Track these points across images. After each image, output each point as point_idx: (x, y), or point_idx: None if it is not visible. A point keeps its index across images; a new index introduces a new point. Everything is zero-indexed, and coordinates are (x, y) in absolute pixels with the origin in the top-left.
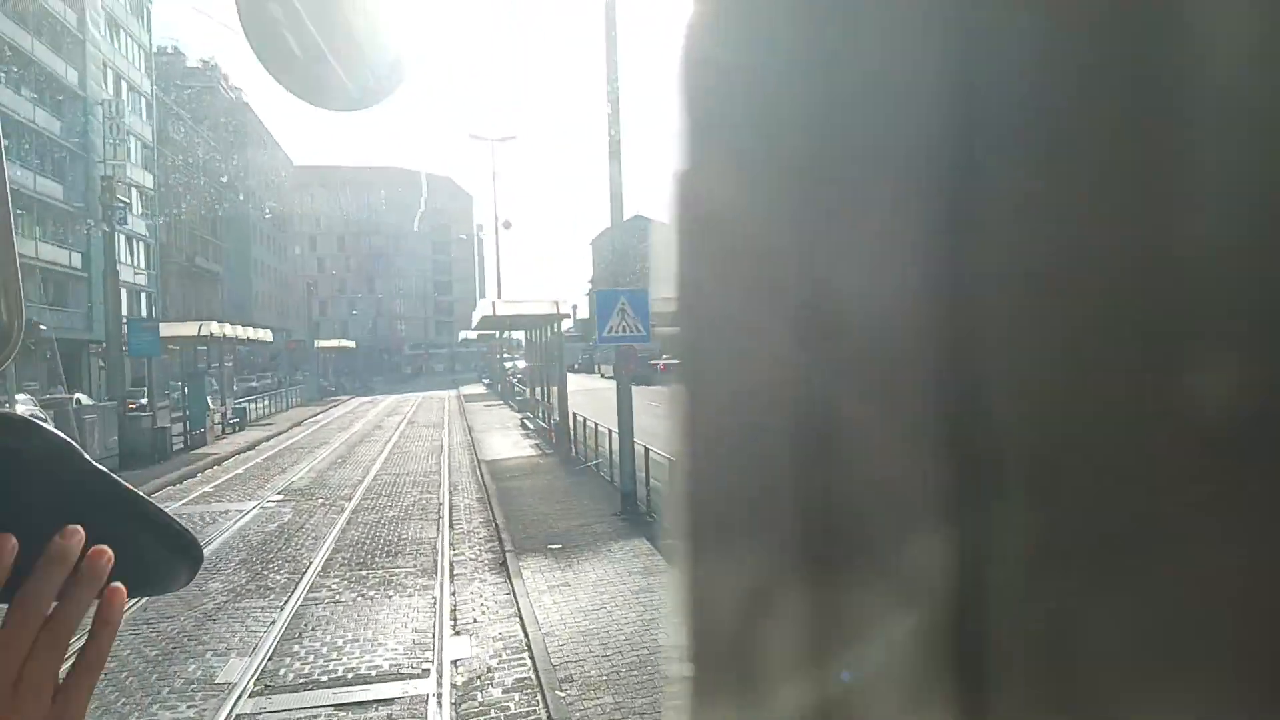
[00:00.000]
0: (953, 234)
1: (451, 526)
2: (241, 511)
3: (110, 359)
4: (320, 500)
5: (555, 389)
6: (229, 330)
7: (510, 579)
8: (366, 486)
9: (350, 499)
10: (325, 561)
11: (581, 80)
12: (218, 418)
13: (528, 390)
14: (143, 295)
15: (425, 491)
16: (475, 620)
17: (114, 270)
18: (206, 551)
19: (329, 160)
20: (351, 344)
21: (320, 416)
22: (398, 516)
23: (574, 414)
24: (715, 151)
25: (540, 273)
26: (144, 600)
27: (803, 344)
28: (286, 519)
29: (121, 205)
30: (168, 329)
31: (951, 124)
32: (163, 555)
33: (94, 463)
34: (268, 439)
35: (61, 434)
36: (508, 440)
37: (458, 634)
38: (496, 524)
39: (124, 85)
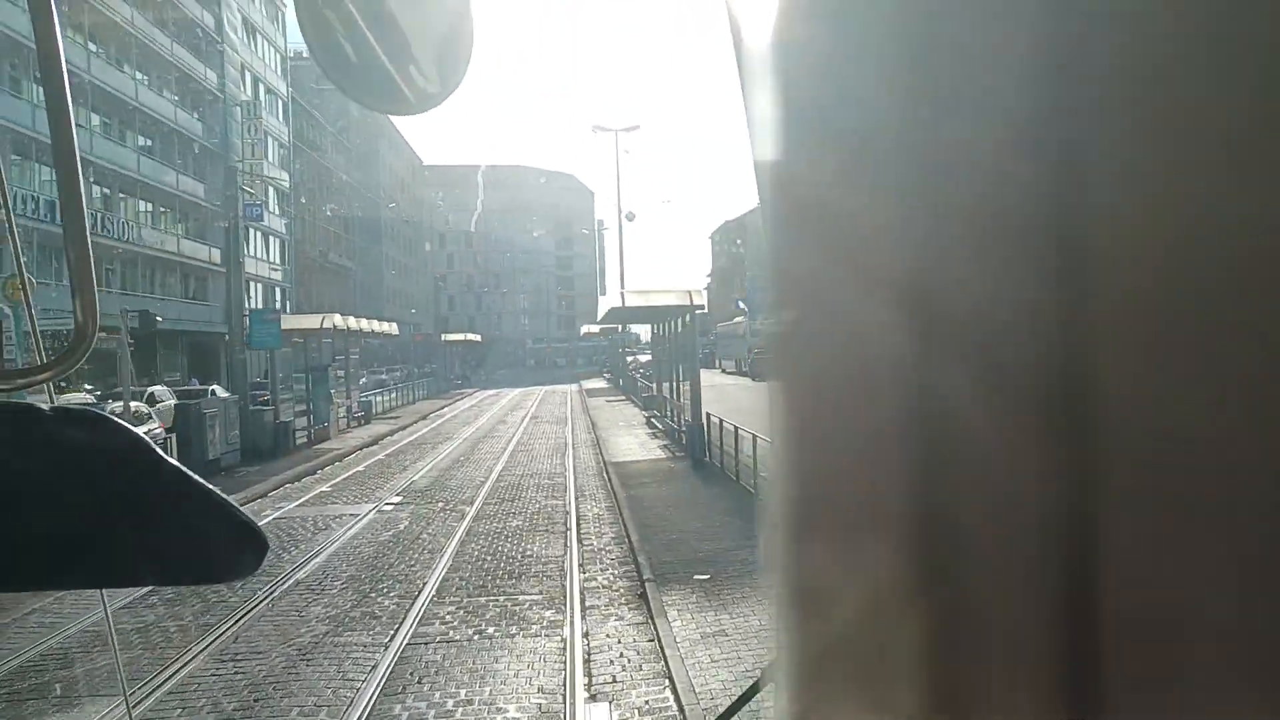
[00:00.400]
0: (1059, 224)
1: (580, 541)
2: (356, 516)
3: (233, 352)
4: (440, 504)
5: (687, 386)
6: (352, 322)
7: (653, 619)
8: (489, 489)
9: (471, 503)
10: (440, 583)
11: (703, 68)
12: (342, 411)
13: (653, 386)
14: (277, 290)
15: (550, 496)
16: (614, 679)
17: (238, 262)
18: (315, 563)
19: (457, 159)
20: (477, 337)
21: (445, 410)
22: (521, 527)
23: (706, 414)
24: (810, 140)
25: (661, 267)
26: (235, 630)
27: (907, 337)
28: (403, 526)
29: (256, 203)
30: (290, 321)
31: (1054, 110)
32: (229, 545)
33: (163, 455)
34: (391, 434)
35: (132, 428)
36: (634, 440)
37: (593, 698)
38: (630, 541)
39: (261, 87)
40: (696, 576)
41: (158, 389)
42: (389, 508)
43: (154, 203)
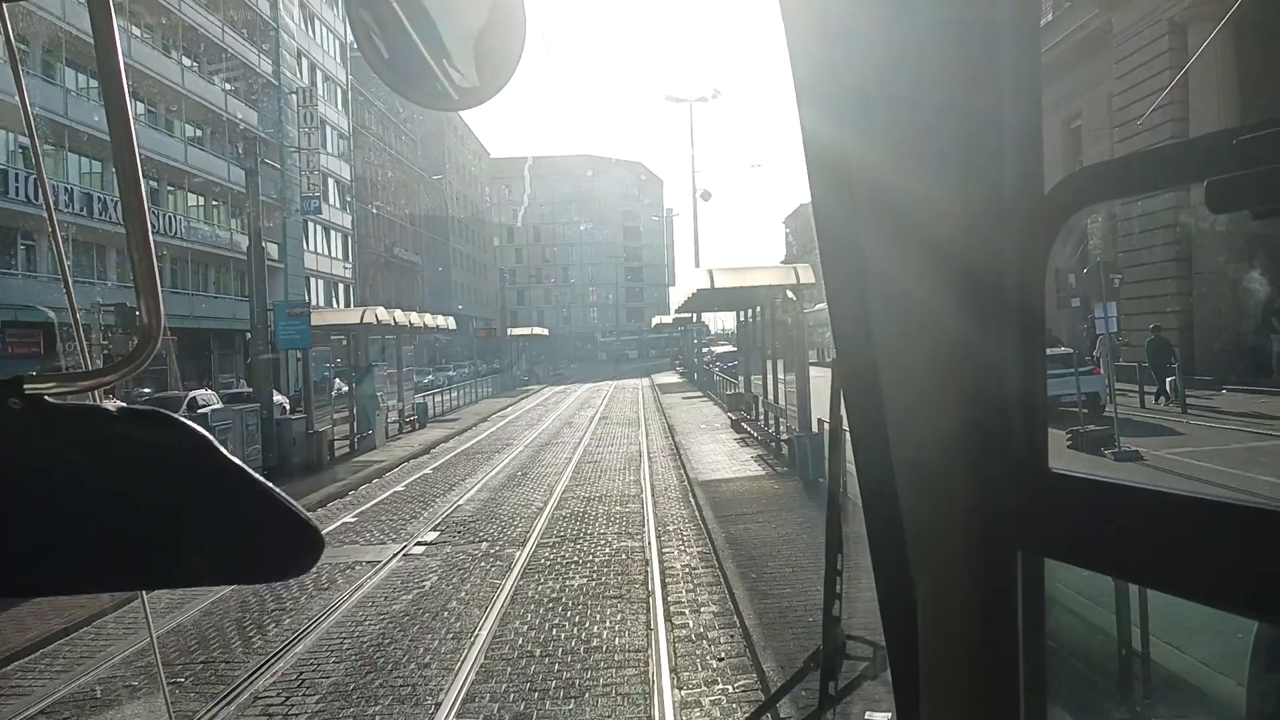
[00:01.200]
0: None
1: (669, 618)
2: (375, 564)
3: (255, 351)
4: (484, 545)
5: (794, 384)
6: (399, 316)
7: None
8: (546, 521)
9: (523, 544)
10: (459, 703)
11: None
12: (393, 416)
13: (738, 382)
14: (340, 286)
15: (624, 534)
16: None
17: (259, 248)
18: (300, 647)
19: (524, 150)
20: (544, 331)
21: (509, 410)
22: (585, 588)
23: (818, 420)
24: (876, 130)
25: (731, 253)
26: None
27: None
28: (429, 584)
29: (314, 194)
30: (324, 316)
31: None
32: (286, 543)
33: (228, 455)
34: (446, 440)
35: (199, 428)
36: (720, 449)
37: None
38: (743, 625)
39: (319, 75)
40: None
41: (202, 393)
42: (419, 550)
43: (205, 196)
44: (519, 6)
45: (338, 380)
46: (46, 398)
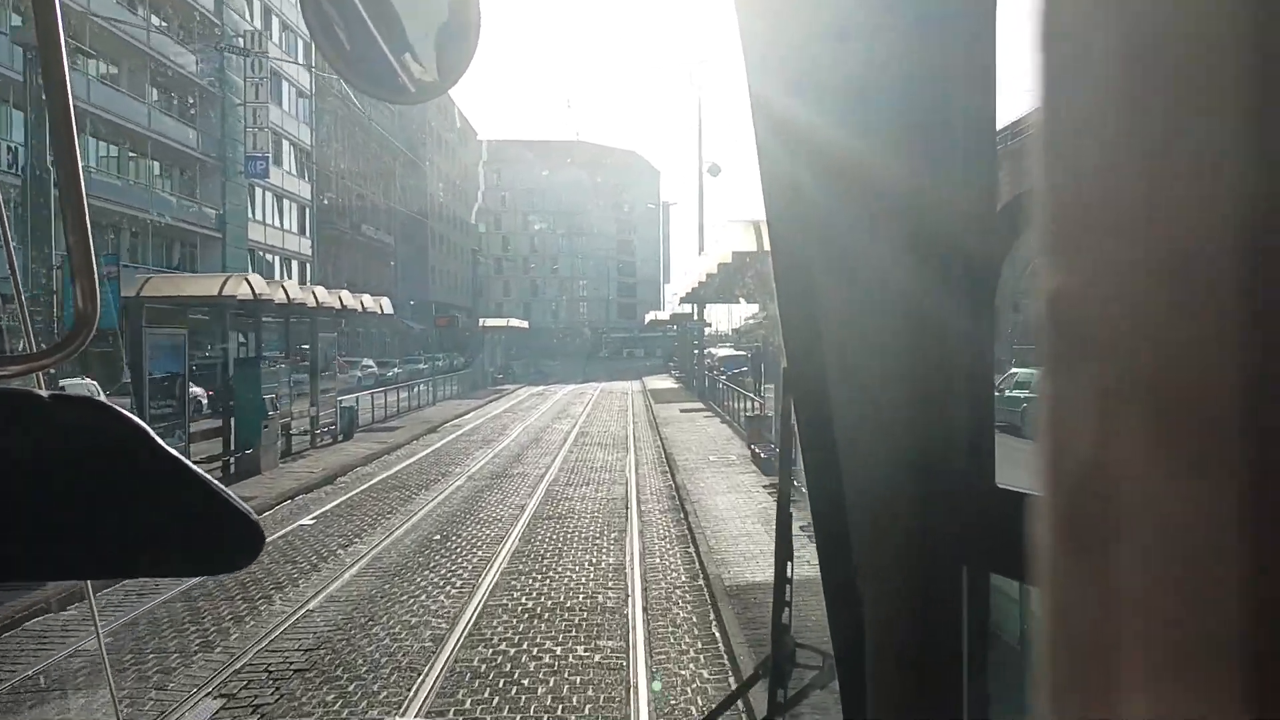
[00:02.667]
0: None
1: None
2: None
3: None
4: None
5: None
6: (296, 292)
7: None
8: (448, 671)
9: None
10: None
11: None
12: (302, 425)
13: (756, 401)
14: (294, 263)
15: None
16: None
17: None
18: None
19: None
20: (523, 324)
21: (467, 418)
22: None
23: None
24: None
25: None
26: None
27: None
28: None
29: (260, 154)
30: (157, 286)
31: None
32: (226, 537)
33: (163, 444)
34: (367, 461)
35: (134, 417)
36: (743, 502)
37: None
38: None
39: (275, 21)
40: None
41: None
42: None
43: (116, 144)
44: (472, 2)
45: (195, 388)
46: None
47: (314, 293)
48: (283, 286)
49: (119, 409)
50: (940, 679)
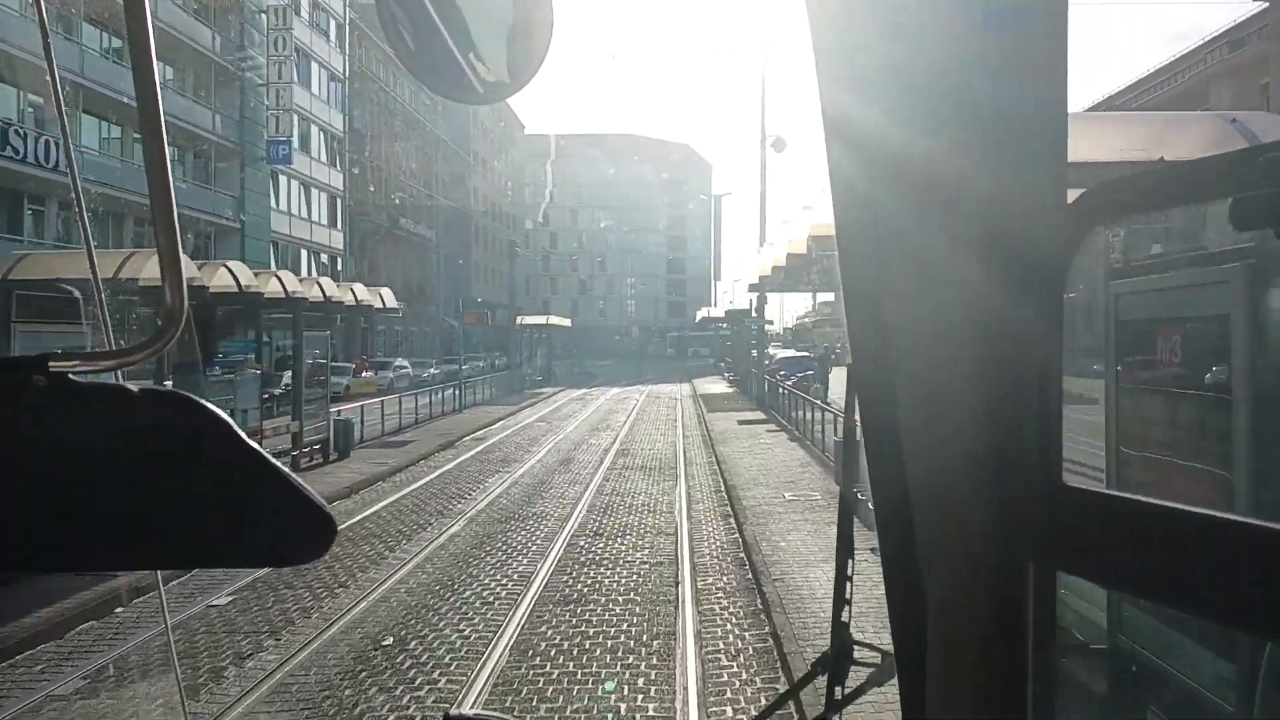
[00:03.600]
0: None
1: None
2: None
3: None
4: None
5: None
6: (246, 277)
7: None
8: None
9: None
10: None
11: None
12: (284, 443)
13: (823, 412)
14: (324, 256)
15: None
16: None
17: None
18: None
19: (563, 128)
20: (565, 321)
21: (494, 429)
22: None
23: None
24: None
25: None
26: None
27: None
28: None
29: (283, 138)
30: (28, 268)
31: None
32: (300, 529)
33: (245, 438)
34: (349, 493)
35: (219, 411)
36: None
37: None
38: None
39: None
40: None
41: None
42: None
43: (123, 125)
44: (547, 1)
45: None
46: (70, 376)
47: (279, 279)
48: (230, 271)
49: (205, 403)
50: (1004, 678)
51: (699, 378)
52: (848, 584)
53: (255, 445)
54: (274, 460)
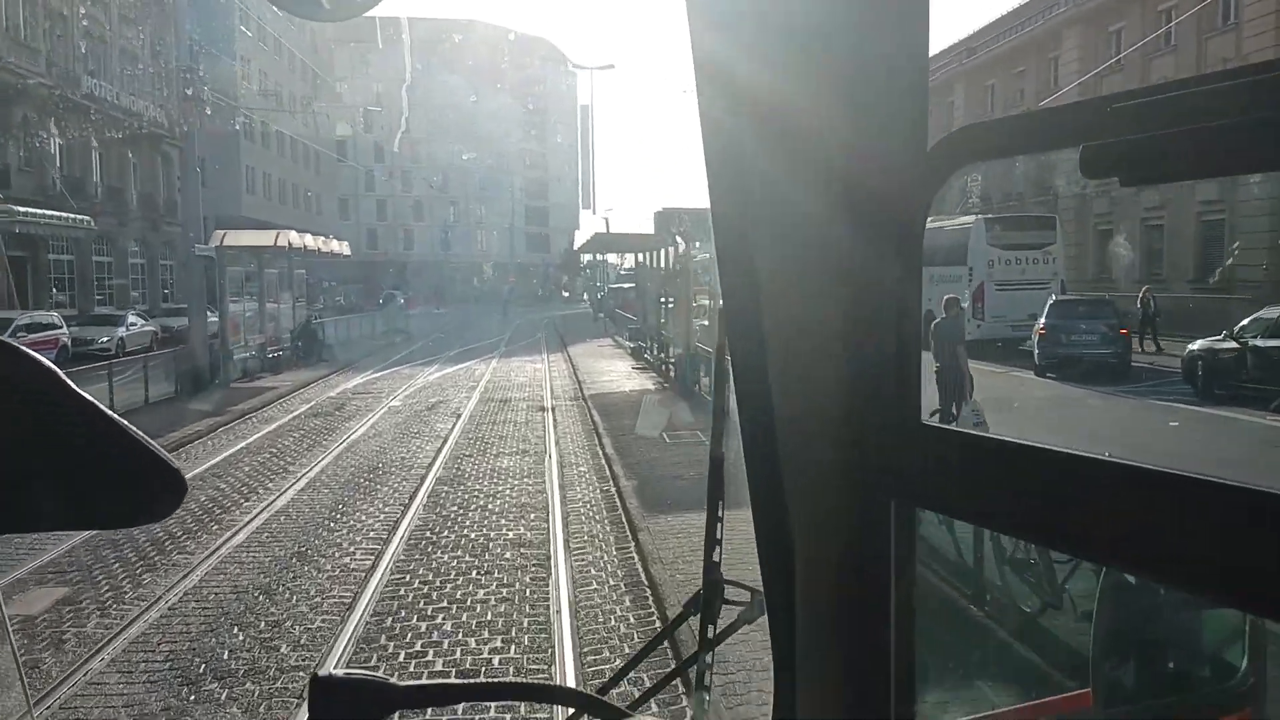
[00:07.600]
0: None
1: None
2: None
3: None
4: None
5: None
6: None
7: None
8: None
9: None
10: None
11: None
12: None
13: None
14: None
15: None
16: None
17: None
18: None
19: (385, 8)
20: (342, 248)
21: None
22: None
23: None
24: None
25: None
26: None
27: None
28: None
29: None
30: None
31: None
32: (146, 486)
33: (77, 389)
34: None
35: (47, 361)
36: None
37: None
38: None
39: None
40: None
41: None
42: None
43: None
44: None
45: None
46: None
47: None
48: None
49: (31, 353)
50: (866, 611)
51: (578, 342)
52: (719, 525)
53: (91, 398)
54: (114, 414)
